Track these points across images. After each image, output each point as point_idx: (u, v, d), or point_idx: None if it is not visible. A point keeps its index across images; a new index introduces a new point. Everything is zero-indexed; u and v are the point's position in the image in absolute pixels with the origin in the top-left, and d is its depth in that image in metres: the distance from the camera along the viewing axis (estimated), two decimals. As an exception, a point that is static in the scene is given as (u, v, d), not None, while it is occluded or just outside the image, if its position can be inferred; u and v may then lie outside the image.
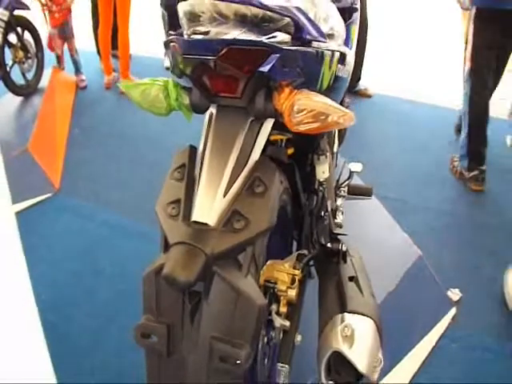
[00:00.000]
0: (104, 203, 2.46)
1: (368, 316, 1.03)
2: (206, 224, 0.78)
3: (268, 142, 0.93)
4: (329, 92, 0.99)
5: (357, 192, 1.71)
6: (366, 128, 3.03)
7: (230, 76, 0.84)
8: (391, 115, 3.35)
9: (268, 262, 1.08)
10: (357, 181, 1.87)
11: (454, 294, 1.84)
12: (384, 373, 1.50)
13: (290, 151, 1.17)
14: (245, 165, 0.84)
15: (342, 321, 1.01)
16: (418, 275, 1.92)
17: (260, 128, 0.89)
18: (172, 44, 0.86)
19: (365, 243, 1.88)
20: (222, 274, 0.77)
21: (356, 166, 1.70)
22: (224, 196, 0.80)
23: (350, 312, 1.04)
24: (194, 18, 0.92)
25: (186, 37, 0.86)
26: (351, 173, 1.70)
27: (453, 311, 1.78)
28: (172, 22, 0.92)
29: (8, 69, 3.53)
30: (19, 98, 3.68)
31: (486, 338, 1.68)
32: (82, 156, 2.94)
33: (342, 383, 1.00)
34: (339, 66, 1.06)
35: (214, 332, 0.78)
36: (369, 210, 2.22)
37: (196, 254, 0.74)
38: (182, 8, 0.91)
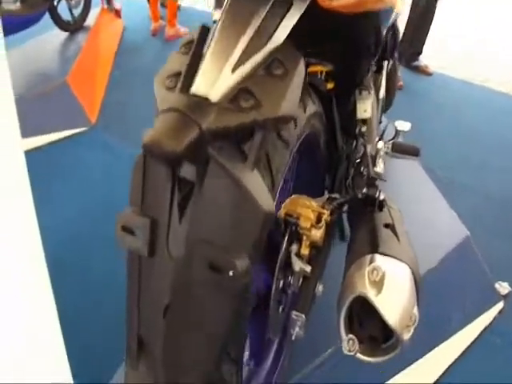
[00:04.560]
0: (136, 142, 2.40)
1: (403, 262, 0.84)
2: (206, 99, 0.62)
3: (307, 74, 0.76)
4: None
5: (403, 150, 1.49)
6: (421, 104, 2.85)
7: None
8: (449, 95, 3.10)
9: (292, 196, 0.94)
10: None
11: (503, 288, 1.63)
12: (415, 358, 1.34)
13: (330, 85, 1.04)
14: (264, 45, 0.67)
15: (371, 262, 0.81)
16: (463, 257, 1.70)
17: (286, 12, 0.70)
18: None
19: (407, 212, 1.72)
20: (220, 159, 0.60)
21: (403, 125, 1.55)
22: (233, 72, 0.65)
23: (381, 254, 0.84)
24: None
25: None
26: (397, 131, 1.56)
27: (500, 305, 1.57)
28: None
29: (55, 3, 3.47)
30: (65, 34, 3.65)
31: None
32: (120, 97, 2.84)
33: (365, 339, 0.80)
34: None
35: (204, 233, 0.61)
36: (415, 181, 2.04)
37: (188, 124, 0.58)
38: None
